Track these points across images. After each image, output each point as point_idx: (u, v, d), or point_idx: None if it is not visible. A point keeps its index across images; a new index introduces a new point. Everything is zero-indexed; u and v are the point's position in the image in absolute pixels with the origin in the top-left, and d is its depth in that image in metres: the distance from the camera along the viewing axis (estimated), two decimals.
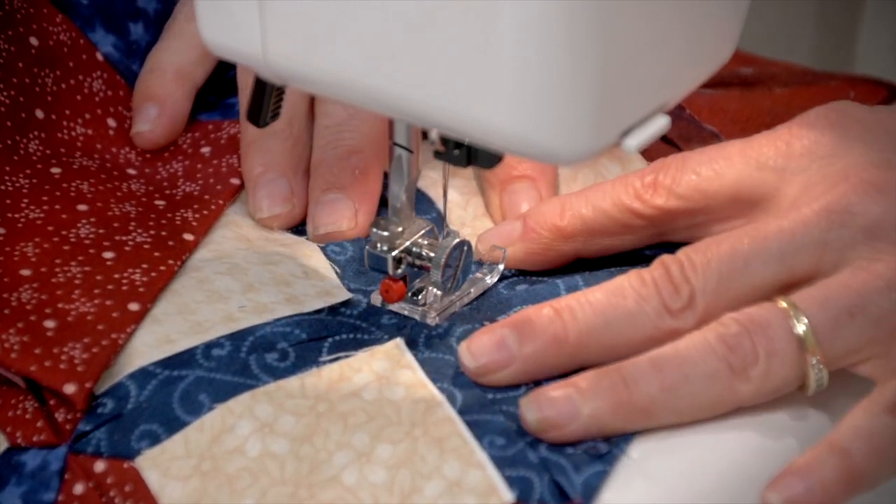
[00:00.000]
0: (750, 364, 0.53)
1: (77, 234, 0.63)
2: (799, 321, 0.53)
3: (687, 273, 0.55)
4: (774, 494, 0.51)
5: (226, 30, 0.53)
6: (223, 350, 0.56)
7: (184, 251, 0.62)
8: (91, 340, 0.57)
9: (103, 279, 0.60)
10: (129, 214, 0.65)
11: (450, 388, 0.55)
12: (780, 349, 0.53)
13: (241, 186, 0.67)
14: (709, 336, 0.53)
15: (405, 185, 0.58)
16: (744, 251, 0.55)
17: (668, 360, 0.53)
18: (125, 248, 0.62)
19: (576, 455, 0.52)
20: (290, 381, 0.55)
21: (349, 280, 0.61)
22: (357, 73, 0.50)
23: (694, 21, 0.51)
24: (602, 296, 0.55)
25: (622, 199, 0.60)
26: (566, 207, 0.61)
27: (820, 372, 0.53)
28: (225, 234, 0.64)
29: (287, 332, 0.57)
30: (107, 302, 0.59)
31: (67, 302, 0.58)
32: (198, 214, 0.65)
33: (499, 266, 0.62)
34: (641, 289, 0.55)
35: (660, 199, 0.59)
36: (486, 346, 0.55)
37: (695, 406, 0.53)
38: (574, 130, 0.48)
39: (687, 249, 0.56)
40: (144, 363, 0.56)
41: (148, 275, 0.60)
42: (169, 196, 0.67)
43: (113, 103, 0.71)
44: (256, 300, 0.59)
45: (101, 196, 0.65)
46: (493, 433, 0.52)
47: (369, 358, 0.56)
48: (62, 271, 0.60)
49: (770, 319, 0.53)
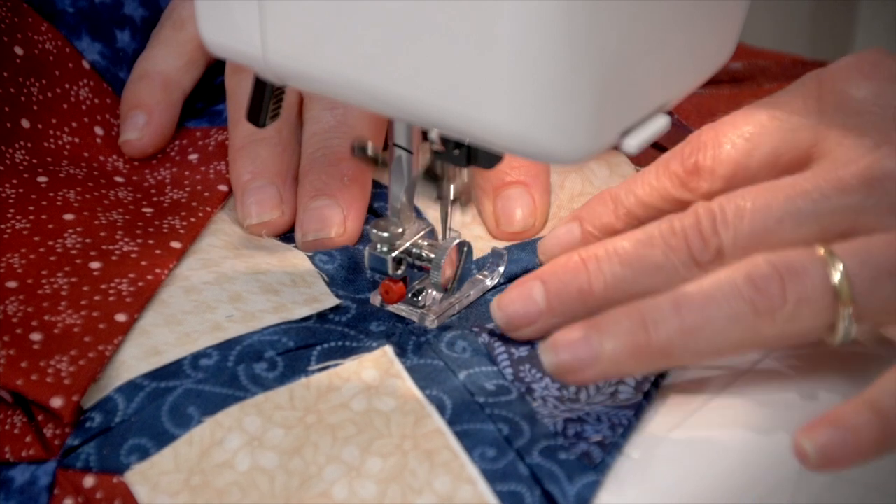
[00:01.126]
0: (777, 307, 0.52)
1: (63, 244, 0.62)
2: (836, 270, 0.51)
3: (718, 226, 0.54)
4: (807, 441, 0.50)
5: (226, 30, 0.53)
6: (210, 360, 0.56)
7: (171, 259, 0.62)
8: (78, 353, 0.56)
9: (90, 290, 0.60)
10: (116, 223, 0.64)
11: (439, 395, 0.54)
12: (812, 297, 0.51)
13: (229, 193, 0.67)
14: (737, 276, 0.52)
15: (405, 186, 0.58)
16: (778, 208, 0.53)
17: (691, 301, 0.52)
18: (112, 257, 0.62)
19: (569, 462, 0.51)
20: (278, 392, 0.54)
21: (338, 288, 0.61)
22: (357, 72, 0.50)
23: (694, 22, 0.51)
24: (630, 245, 0.55)
25: (669, 192, 0.59)
26: (618, 205, 0.60)
27: (850, 324, 0.52)
28: (213, 242, 0.64)
29: (274, 340, 0.57)
30: (93, 313, 0.58)
31: (54, 314, 0.58)
32: (185, 222, 0.65)
33: (499, 268, 0.62)
34: (671, 238, 0.54)
35: (705, 183, 0.58)
36: (515, 301, 0.56)
37: (716, 347, 0.53)
38: (573, 130, 0.48)
39: (721, 199, 0.55)
40: (132, 376, 0.55)
41: (135, 284, 0.60)
42: (156, 203, 0.67)
43: (100, 111, 0.71)
44: (244, 309, 0.59)
45: (87, 204, 0.65)
46: (484, 444, 0.52)
47: (357, 367, 0.56)
48: (48, 283, 0.60)
49: (807, 267, 0.52)
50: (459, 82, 0.48)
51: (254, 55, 0.52)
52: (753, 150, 0.57)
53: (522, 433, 0.53)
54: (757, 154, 0.57)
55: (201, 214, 0.66)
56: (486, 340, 0.58)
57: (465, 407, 0.54)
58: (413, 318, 0.59)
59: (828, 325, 0.52)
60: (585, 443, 0.52)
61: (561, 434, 0.52)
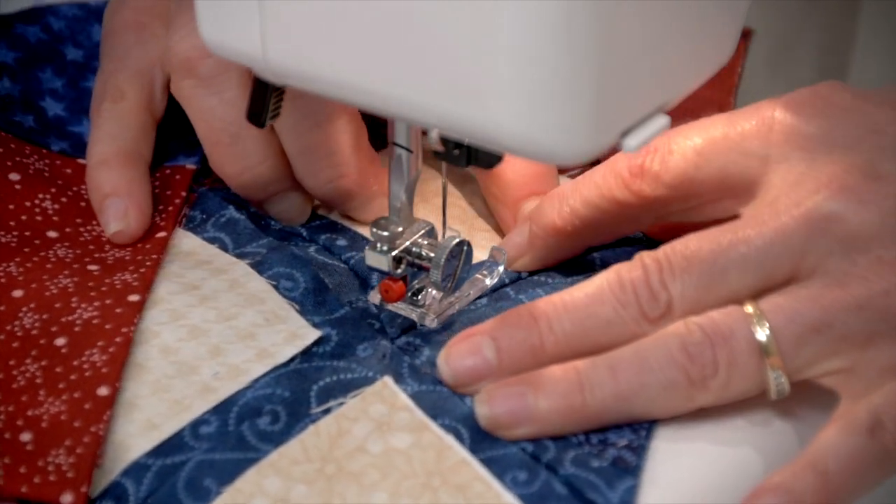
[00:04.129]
0: (709, 375, 0.53)
1: (22, 325, 0.60)
2: (762, 328, 0.53)
3: (665, 279, 0.55)
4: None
5: (226, 30, 0.53)
6: (211, 427, 0.55)
7: (133, 314, 0.60)
8: (72, 442, 0.55)
9: (63, 370, 0.58)
10: (68, 289, 0.62)
11: (453, 425, 0.54)
12: (740, 360, 0.53)
13: (169, 236, 0.66)
14: (671, 344, 0.53)
15: (405, 185, 0.58)
16: (723, 257, 0.54)
17: (627, 366, 0.54)
18: (75, 328, 0.60)
19: (604, 469, 0.52)
20: (290, 447, 0.54)
21: (310, 314, 0.60)
22: (357, 72, 0.50)
23: (693, 22, 0.51)
24: (581, 301, 0.55)
25: (613, 192, 0.59)
26: (563, 204, 0.61)
27: (780, 380, 0.53)
28: (170, 287, 0.62)
29: (269, 393, 0.56)
30: (74, 394, 0.56)
31: (35, 406, 0.56)
32: (136, 274, 0.63)
33: (498, 267, 0.62)
34: (620, 294, 0.55)
35: (648, 187, 0.59)
36: (463, 356, 0.56)
37: (649, 413, 0.54)
38: (573, 130, 0.48)
39: (667, 249, 0.56)
40: (135, 456, 0.54)
41: (106, 352, 0.58)
42: (100, 260, 0.65)
43: (9, 157, 0.68)
44: (228, 362, 0.58)
45: (32, 275, 0.62)
46: (513, 468, 0.52)
47: (362, 404, 0.55)
48: (20, 373, 0.58)
49: (733, 328, 0.53)
50: (459, 82, 0.48)
51: (254, 55, 0.52)
52: (703, 164, 0.58)
53: (547, 448, 0.53)
54: (705, 169, 0.58)
55: (149, 264, 0.64)
56: None
57: (483, 434, 0.54)
58: (413, 318, 0.59)
59: (760, 385, 0.54)
60: (614, 448, 0.53)
61: (586, 443, 0.53)
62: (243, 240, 0.65)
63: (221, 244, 0.65)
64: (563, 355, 0.55)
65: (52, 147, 0.72)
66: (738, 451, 0.55)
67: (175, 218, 0.68)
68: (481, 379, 0.56)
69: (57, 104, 0.74)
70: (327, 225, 0.67)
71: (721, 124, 0.58)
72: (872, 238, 0.53)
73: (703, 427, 0.55)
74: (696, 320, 0.54)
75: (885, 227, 0.53)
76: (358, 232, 0.66)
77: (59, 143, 0.72)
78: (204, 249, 0.65)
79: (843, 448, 0.52)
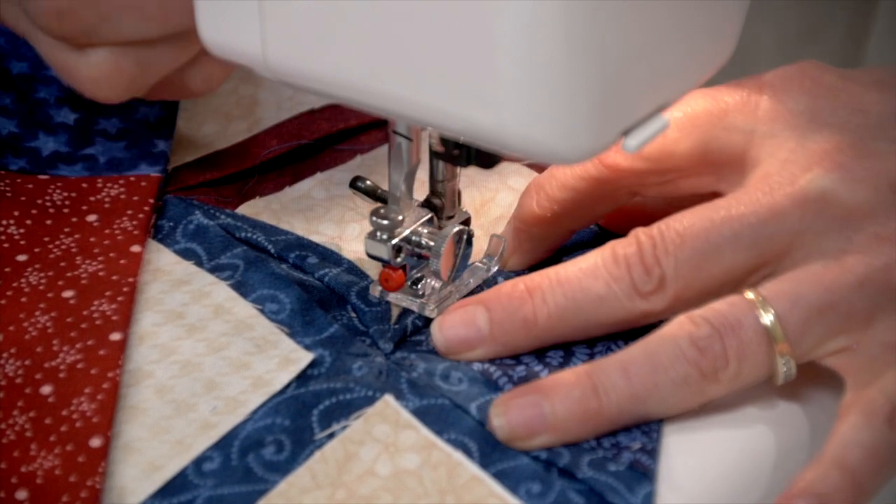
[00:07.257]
0: (720, 367, 0.53)
1: (4, 373, 0.58)
2: (767, 314, 0.53)
3: (658, 254, 0.54)
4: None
5: (226, 30, 0.53)
6: (214, 463, 0.53)
7: (118, 355, 0.58)
8: (70, 497, 0.53)
9: (53, 421, 0.56)
10: (47, 329, 0.60)
11: (460, 439, 0.53)
12: (749, 350, 0.53)
13: (143, 252, 0.64)
14: (680, 339, 0.53)
15: (404, 174, 0.58)
16: (716, 234, 0.54)
17: (639, 367, 0.53)
18: (59, 375, 0.58)
19: (623, 473, 0.51)
20: (299, 475, 0.52)
21: (300, 336, 0.59)
22: (357, 73, 0.50)
23: (694, 21, 0.51)
24: (574, 275, 0.55)
25: (588, 170, 0.59)
26: (540, 192, 0.60)
27: (788, 365, 0.53)
28: (154, 319, 0.61)
29: (269, 424, 0.55)
30: (67, 447, 0.55)
31: (28, 462, 0.54)
32: (114, 304, 0.61)
33: (498, 256, 0.61)
34: (613, 269, 0.55)
35: (624, 160, 0.58)
36: (457, 325, 0.57)
37: (664, 410, 0.54)
38: (574, 130, 0.48)
39: (661, 225, 0.55)
40: (139, 499, 0.53)
41: (94, 400, 0.57)
42: (73, 280, 0.62)
43: None
44: (224, 396, 0.56)
45: (7, 313, 0.60)
46: (526, 480, 0.51)
47: (365, 425, 0.54)
48: (8, 426, 0.56)
49: (740, 318, 0.53)
50: (460, 83, 0.48)
51: (254, 55, 0.52)
52: (682, 139, 0.57)
53: (561, 453, 0.52)
54: (684, 144, 0.57)
55: (126, 289, 0.62)
56: (479, 367, 0.56)
57: (492, 446, 0.53)
58: (413, 308, 0.59)
59: (769, 371, 0.54)
60: (629, 451, 0.51)
61: (598, 447, 0.52)
62: (216, 249, 0.63)
63: (195, 257, 0.63)
64: (556, 329, 0.56)
65: (10, 167, 0.70)
66: (746, 437, 0.54)
67: (146, 228, 0.66)
68: (473, 348, 0.57)
69: (9, 122, 0.72)
70: (294, 242, 0.65)
71: (703, 99, 0.57)
72: (867, 215, 0.53)
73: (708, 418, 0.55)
74: (701, 313, 0.53)
75: (879, 203, 0.53)
76: (327, 248, 0.64)
77: (16, 162, 0.70)
78: (179, 266, 0.64)
79: (866, 441, 0.51)
